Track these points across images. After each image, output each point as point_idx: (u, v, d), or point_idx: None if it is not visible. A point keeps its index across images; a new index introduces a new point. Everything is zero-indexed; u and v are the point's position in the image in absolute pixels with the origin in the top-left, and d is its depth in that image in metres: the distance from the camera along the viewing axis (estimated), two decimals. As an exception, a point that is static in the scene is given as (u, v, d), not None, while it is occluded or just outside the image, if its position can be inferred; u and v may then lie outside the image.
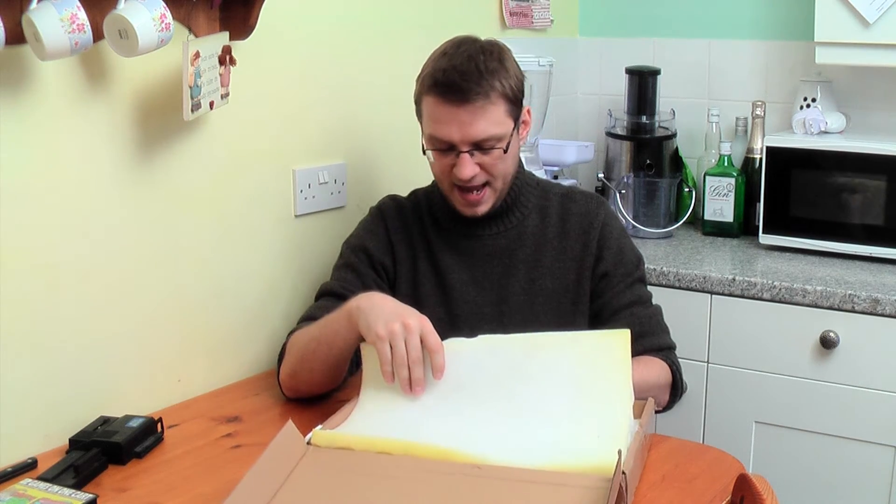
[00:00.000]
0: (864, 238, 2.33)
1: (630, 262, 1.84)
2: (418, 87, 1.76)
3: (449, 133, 1.70)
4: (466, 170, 1.71)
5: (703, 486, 1.49)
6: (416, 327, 1.52)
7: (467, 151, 1.70)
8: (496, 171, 1.74)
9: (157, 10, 1.57)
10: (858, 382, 2.14)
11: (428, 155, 1.77)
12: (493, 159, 1.73)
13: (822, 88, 2.53)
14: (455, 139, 1.70)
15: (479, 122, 1.68)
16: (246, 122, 1.94)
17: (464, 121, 1.68)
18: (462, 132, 1.69)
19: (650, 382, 1.69)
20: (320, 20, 2.09)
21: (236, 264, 1.96)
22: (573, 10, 2.98)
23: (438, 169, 1.77)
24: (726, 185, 2.60)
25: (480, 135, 1.69)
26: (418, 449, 1.43)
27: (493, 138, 1.71)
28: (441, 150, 1.73)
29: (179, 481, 1.51)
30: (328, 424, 1.53)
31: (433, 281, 1.84)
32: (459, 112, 1.68)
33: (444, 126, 1.70)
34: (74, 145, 1.65)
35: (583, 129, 3.02)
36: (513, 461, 1.40)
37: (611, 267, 1.81)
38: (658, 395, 1.72)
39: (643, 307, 1.82)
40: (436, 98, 1.70)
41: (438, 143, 1.73)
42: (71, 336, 1.67)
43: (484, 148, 1.71)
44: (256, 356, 2.02)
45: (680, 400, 1.83)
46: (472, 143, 1.70)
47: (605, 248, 1.82)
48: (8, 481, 1.48)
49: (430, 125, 1.73)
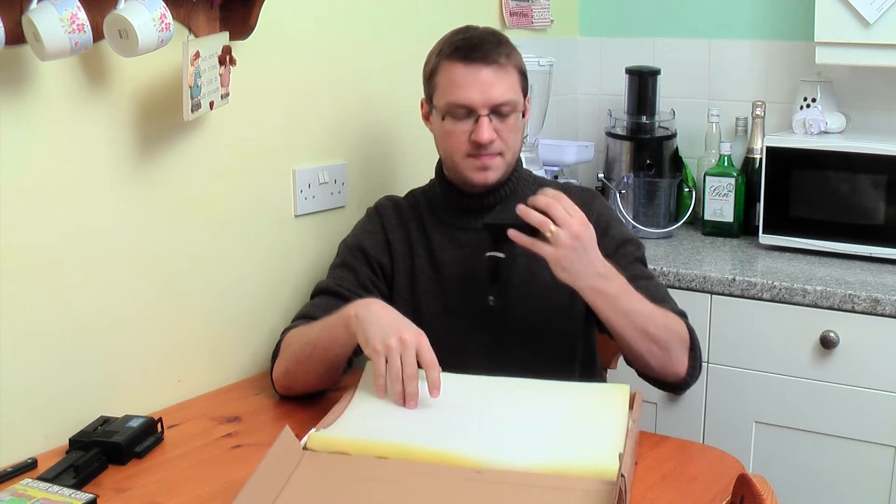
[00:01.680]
0: (864, 238, 2.33)
1: (629, 245, 1.83)
2: (434, 60, 1.80)
3: (470, 96, 1.73)
4: (486, 132, 1.73)
5: (703, 486, 1.49)
6: (412, 342, 1.55)
7: (486, 115, 1.73)
8: (510, 142, 1.77)
9: (157, 10, 1.57)
10: (858, 382, 2.14)
11: (438, 128, 1.80)
12: (509, 128, 1.76)
13: (822, 88, 2.53)
14: (476, 102, 1.73)
15: (499, 84, 1.74)
16: (246, 122, 1.94)
17: (485, 82, 1.73)
18: (483, 94, 1.73)
19: (668, 323, 1.68)
20: (320, 20, 2.09)
21: (236, 264, 1.96)
22: (573, 10, 2.98)
23: (454, 138, 1.78)
24: (726, 185, 2.60)
25: (500, 98, 1.74)
26: (416, 453, 1.43)
27: (510, 103, 1.75)
28: (459, 119, 1.75)
29: (179, 481, 1.51)
30: (323, 424, 1.53)
31: (431, 276, 1.84)
32: (481, 73, 1.74)
33: (465, 89, 1.74)
34: (74, 145, 1.65)
35: (583, 129, 3.02)
36: (512, 465, 1.39)
37: (610, 251, 1.78)
38: (673, 346, 1.69)
39: (649, 280, 1.81)
40: (458, 61, 1.75)
41: (457, 109, 1.75)
42: (71, 336, 1.67)
43: (501, 114, 1.75)
44: (256, 356, 2.02)
45: (700, 369, 1.76)
46: (492, 106, 1.74)
47: (602, 236, 1.79)
48: (8, 481, 1.48)
49: (449, 91, 1.76)
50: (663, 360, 1.69)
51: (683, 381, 1.73)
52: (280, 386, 1.79)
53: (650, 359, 1.68)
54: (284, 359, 1.75)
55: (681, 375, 1.72)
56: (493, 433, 1.50)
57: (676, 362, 1.70)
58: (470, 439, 1.47)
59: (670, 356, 1.69)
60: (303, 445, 1.46)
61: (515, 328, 1.81)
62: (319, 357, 1.69)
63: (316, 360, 1.70)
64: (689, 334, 1.74)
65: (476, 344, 1.81)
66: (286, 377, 1.76)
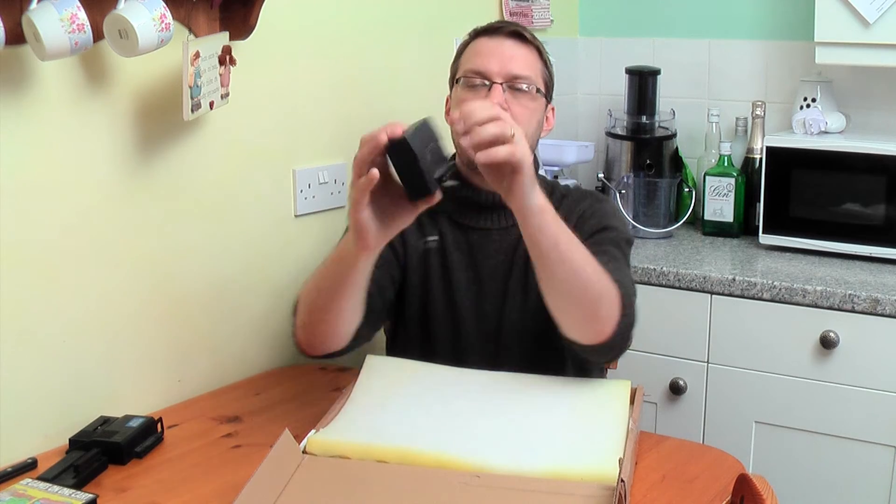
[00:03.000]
0: (864, 238, 2.33)
1: (608, 231, 1.73)
2: (462, 44, 1.82)
3: (488, 64, 1.73)
4: (496, 97, 1.70)
5: (703, 486, 1.49)
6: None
7: (500, 83, 1.72)
8: (521, 120, 1.67)
9: (157, 10, 1.57)
10: (858, 382, 2.14)
11: (455, 99, 1.76)
12: (522, 106, 1.73)
13: (822, 88, 2.53)
14: (493, 69, 1.73)
15: (518, 58, 1.75)
16: (246, 122, 1.94)
17: (506, 53, 1.74)
18: (501, 63, 1.73)
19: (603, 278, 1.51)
20: (320, 20, 2.09)
21: (236, 264, 1.96)
22: (573, 10, 2.98)
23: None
24: (726, 185, 2.60)
25: (517, 70, 1.73)
26: (415, 457, 1.43)
27: (527, 79, 1.74)
28: (473, 87, 1.74)
29: (179, 481, 1.51)
30: (322, 423, 1.53)
31: (440, 274, 1.80)
32: (504, 44, 1.75)
33: (484, 57, 1.74)
34: (74, 145, 1.65)
35: (583, 129, 3.02)
36: (512, 469, 1.39)
37: (586, 233, 1.67)
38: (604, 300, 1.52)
39: (608, 252, 1.65)
40: (483, 36, 1.78)
41: (473, 76, 1.74)
42: (71, 336, 1.67)
43: (517, 89, 1.73)
44: (256, 356, 2.02)
45: (628, 333, 1.57)
46: (508, 76, 1.73)
47: (582, 221, 1.74)
48: (8, 481, 1.48)
49: (469, 60, 1.77)
50: (590, 310, 1.52)
51: (608, 341, 1.55)
52: (305, 343, 1.66)
53: (576, 306, 1.52)
54: (304, 304, 1.63)
55: (606, 334, 1.54)
56: (492, 435, 1.49)
57: (605, 318, 1.52)
58: (469, 442, 1.46)
59: (598, 310, 1.52)
60: (302, 449, 1.46)
61: (510, 329, 1.79)
62: (333, 275, 1.55)
63: (332, 284, 1.56)
64: (621, 300, 1.54)
65: (475, 338, 1.80)
66: (309, 324, 1.63)
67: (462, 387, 1.62)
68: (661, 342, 2.34)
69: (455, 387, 1.61)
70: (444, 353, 1.76)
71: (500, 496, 1.34)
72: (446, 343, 1.79)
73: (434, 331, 1.80)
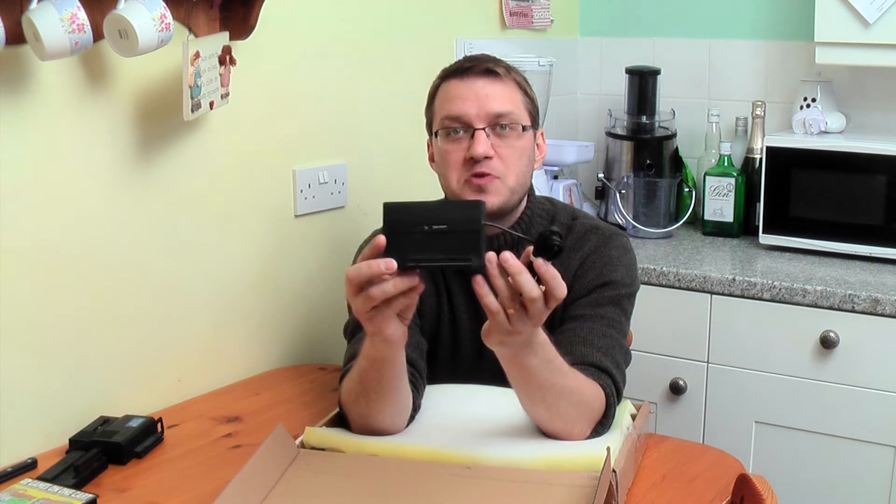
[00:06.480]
0: (864, 238, 2.33)
1: (608, 287, 1.64)
2: (432, 88, 1.70)
3: (465, 107, 1.62)
4: (481, 146, 1.59)
5: (703, 486, 1.49)
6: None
7: (482, 129, 1.61)
8: (510, 162, 1.62)
9: (157, 10, 1.57)
10: (858, 382, 2.14)
11: (437, 153, 1.67)
12: (509, 146, 1.62)
13: (822, 88, 2.53)
14: (471, 114, 1.61)
15: (495, 95, 1.62)
16: (246, 122, 1.94)
17: (480, 93, 1.62)
18: (479, 104, 1.61)
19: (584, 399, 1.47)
20: (320, 20, 2.09)
21: (236, 264, 1.96)
22: (573, 10, 2.98)
23: (450, 158, 1.63)
24: (726, 185, 2.60)
25: (497, 107, 1.61)
26: (408, 450, 1.44)
27: (509, 115, 1.62)
28: (454, 136, 1.63)
29: (179, 481, 1.51)
30: (321, 424, 1.54)
31: (443, 310, 1.73)
32: (477, 84, 1.62)
33: (459, 102, 1.62)
34: (74, 145, 1.65)
35: (583, 129, 3.02)
36: (503, 460, 1.40)
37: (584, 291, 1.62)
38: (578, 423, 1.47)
39: (607, 324, 1.59)
40: (453, 79, 1.65)
41: (452, 123, 1.63)
42: (71, 336, 1.67)
43: (500, 125, 1.62)
44: (256, 356, 2.02)
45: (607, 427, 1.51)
46: (488, 117, 1.61)
47: (583, 272, 1.65)
48: (8, 481, 1.48)
49: (443, 107, 1.65)
50: (560, 430, 1.48)
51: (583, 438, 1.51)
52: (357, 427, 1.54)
53: (547, 425, 1.48)
54: (354, 418, 1.53)
55: (583, 436, 1.49)
56: (484, 431, 1.50)
57: (575, 433, 1.48)
58: (461, 437, 1.47)
59: (571, 430, 1.48)
60: (299, 443, 1.47)
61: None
62: (376, 389, 1.48)
63: (377, 396, 1.48)
64: (605, 409, 1.50)
65: (469, 351, 1.73)
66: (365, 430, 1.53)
67: (458, 394, 1.63)
68: (660, 342, 2.34)
69: (451, 395, 1.62)
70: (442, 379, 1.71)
71: (491, 487, 1.35)
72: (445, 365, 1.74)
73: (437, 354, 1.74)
